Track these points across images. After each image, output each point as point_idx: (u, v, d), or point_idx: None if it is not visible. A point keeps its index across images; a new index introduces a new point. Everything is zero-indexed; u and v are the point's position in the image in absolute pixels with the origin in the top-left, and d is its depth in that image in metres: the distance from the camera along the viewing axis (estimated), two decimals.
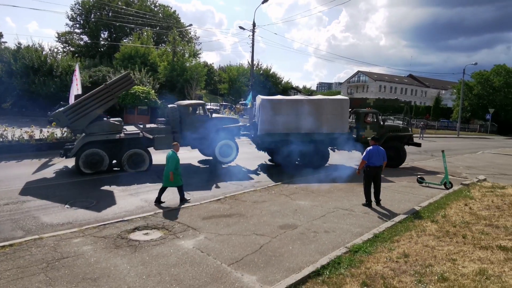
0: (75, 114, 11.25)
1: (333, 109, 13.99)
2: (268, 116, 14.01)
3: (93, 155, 11.40)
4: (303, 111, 13.97)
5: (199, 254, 5.57)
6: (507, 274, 4.62)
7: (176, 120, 13.44)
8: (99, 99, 11.60)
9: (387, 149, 14.73)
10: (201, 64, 41.54)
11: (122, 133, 12.04)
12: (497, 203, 8.32)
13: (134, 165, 12.00)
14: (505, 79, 49.68)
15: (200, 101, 15.81)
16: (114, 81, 12.16)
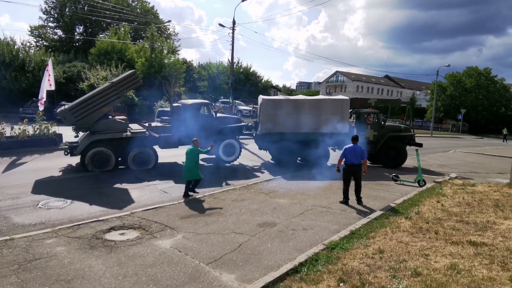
0: (81, 112, 11.15)
1: (333, 109, 14.12)
2: (269, 115, 14.19)
3: (99, 153, 11.35)
4: (304, 111, 14.13)
5: (177, 254, 5.51)
6: (476, 268, 4.81)
7: (180, 119, 13.42)
8: (105, 97, 11.52)
9: (387, 149, 14.94)
10: (180, 61, 41.00)
11: (128, 132, 12.03)
12: (468, 200, 8.66)
13: (140, 163, 11.99)
14: (476, 81, 51.71)
15: (204, 101, 15.93)
16: (121, 79, 12.08)
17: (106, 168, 11.41)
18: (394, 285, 4.23)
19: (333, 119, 13.90)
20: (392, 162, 15.07)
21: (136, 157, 11.97)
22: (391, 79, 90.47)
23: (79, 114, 11.15)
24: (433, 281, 4.27)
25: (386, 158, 15.12)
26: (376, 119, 15.25)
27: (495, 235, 6.18)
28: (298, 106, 14.21)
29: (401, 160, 15.23)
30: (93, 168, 11.26)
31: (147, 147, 12.12)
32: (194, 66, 62.24)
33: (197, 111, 13.89)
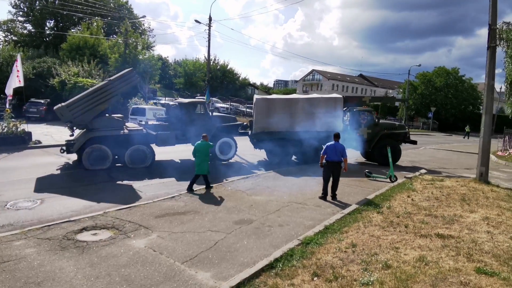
0: (79, 109, 11.17)
1: (327, 107, 14.21)
2: (263, 114, 14.30)
3: (96, 150, 11.38)
4: (297, 110, 14.23)
5: (151, 253, 5.44)
6: (444, 259, 5.03)
7: (177, 118, 13.66)
8: (103, 95, 11.55)
9: (382, 147, 14.69)
10: (155, 57, 40.28)
11: (125, 129, 12.05)
12: (436, 194, 9.00)
13: (137, 161, 12.05)
14: (445, 80, 53.67)
15: (200, 99, 16.23)
16: (118, 77, 12.16)
17: (103, 166, 11.45)
18: (365, 277, 4.36)
19: (327, 117, 13.94)
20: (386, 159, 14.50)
21: (133, 154, 12.01)
22: (365, 78, 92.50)
23: (77, 111, 11.13)
24: (403, 273, 4.43)
25: (381, 156, 15.01)
26: (369, 117, 15.22)
27: (462, 228, 6.47)
28: (291, 105, 14.35)
29: (395, 158, 14.70)
30: (90, 166, 11.26)
31: (144, 145, 12.16)
32: (170, 63, 61.42)
33: (193, 109, 14.06)
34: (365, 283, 4.22)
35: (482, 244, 5.68)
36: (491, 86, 11.10)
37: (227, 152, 14.58)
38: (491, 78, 11.09)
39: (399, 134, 15.59)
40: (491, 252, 5.36)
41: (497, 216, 7.25)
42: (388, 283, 4.13)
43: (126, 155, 11.90)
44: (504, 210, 7.79)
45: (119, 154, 11.86)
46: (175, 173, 11.52)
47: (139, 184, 10.02)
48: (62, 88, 27.76)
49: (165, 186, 9.94)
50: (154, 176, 11.13)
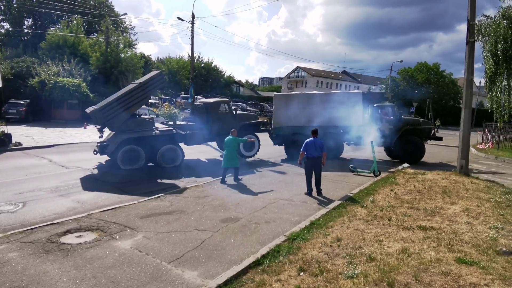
0: (111, 112, 11.55)
1: (346, 103, 14.21)
2: (281, 111, 14.58)
3: (130, 151, 11.77)
4: (315, 105, 14.35)
5: (137, 254, 5.41)
6: (425, 251, 5.17)
7: (203, 117, 14.29)
8: (133, 98, 11.94)
9: (404, 143, 14.58)
10: (137, 55, 39.73)
11: (157, 130, 12.45)
12: (418, 187, 9.21)
13: (168, 160, 12.45)
14: (426, 76, 54.81)
15: (224, 99, 16.81)
16: (148, 80, 12.53)
17: (136, 165, 11.87)
18: (350, 271, 4.44)
19: (346, 113, 13.90)
20: (409, 157, 14.67)
21: (165, 154, 12.41)
22: (348, 75, 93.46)
23: (110, 114, 11.53)
24: (386, 265, 4.54)
25: (403, 153, 14.82)
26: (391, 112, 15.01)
27: (443, 220, 6.65)
28: (310, 101, 14.53)
29: (419, 155, 14.78)
30: (124, 166, 11.64)
31: (174, 145, 12.59)
32: (153, 61, 60.57)
33: (217, 109, 14.66)
34: (350, 276, 4.30)
35: (462, 234, 5.85)
36: (470, 80, 11.41)
37: (251, 149, 15.05)
38: (470, 73, 11.39)
39: (423, 130, 15.11)
40: (471, 242, 5.52)
41: (476, 207, 7.48)
42: (372, 276, 4.22)
43: (158, 154, 12.26)
44: (483, 201, 8.04)
45: (151, 154, 12.19)
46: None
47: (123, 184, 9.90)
48: (42, 88, 27.12)
49: (149, 186, 9.86)
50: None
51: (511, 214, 7.26)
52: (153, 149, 12.16)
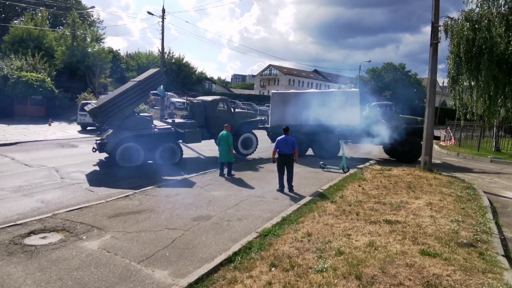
0: (110, 110, 11.56)
1: (343, 101, 14.20)
2: (278, 109, 14.58)
3: (129, 149, 11.80)
4: (312, 104, 14.23)
5: (105, 255, 5.26)
6: (391, 244, 5.36)
7: (201, 115, 14.30)
8: (132, 95, 11.98)
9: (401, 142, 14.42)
10: (105, 50, 38.39)
11: (155, 128, 12.51)
12: (385, 183, 9.53)
13: (166, 158, 12.49)
14: (393, 76, 56.71)
15: (222, 97, 16.77)
16: (146, 78, 12.54)
17: (135, 163, 11.91)
18: (320, 265, 4.54)
19: (343, 111, 13.90)
20: (406, 156, 14.74)
21: (163, 152, 12.45)
22: (319, 74, 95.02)
23: (109, 112, 11.55)
24: (354, 258, 4.67)
25: (400, 151, 14.85)
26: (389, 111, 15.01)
27: (407, 213, 6.92)
28: (307, 99, 14.45)
29: (416, 154, 14.68)
30: (123, 163, 11.66)
31: (173, 143, 12.68)
32: (122, 56, 58.75)
33: (216, 107, 14.70)
34: (320, 270, 4.39)
35: (426, 227, 6.12)
36: (433, 80, 11.91)
37: (248, 147, 15.14)
38: (434, 73, 11.90)
39: (421, 129, 14.63)
40: (434, 235, 5.78)
41: (439, 201, 7.84)
42: (341, 269, 4.33)
43: (156, 152, 12.29)
44: (445, 195, 8.45)
45: (150, 152, 12.21)
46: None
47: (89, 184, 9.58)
48: (5, 83, 25.78)
49: (117, 185, 9.60)
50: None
51: (471, 208, 7.69)
52: (151, 147, 12.22)
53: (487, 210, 7.74)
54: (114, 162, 11.71)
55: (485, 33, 16.83)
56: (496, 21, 16.81)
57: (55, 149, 15.39)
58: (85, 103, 23.75)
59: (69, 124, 25.60)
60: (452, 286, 3.98)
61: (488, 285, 4.05)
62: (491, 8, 17.64)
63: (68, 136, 19.88)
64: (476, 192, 9.38)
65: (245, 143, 14.98)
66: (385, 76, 56.75)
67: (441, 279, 4.11)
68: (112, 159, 11.81)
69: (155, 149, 12.28)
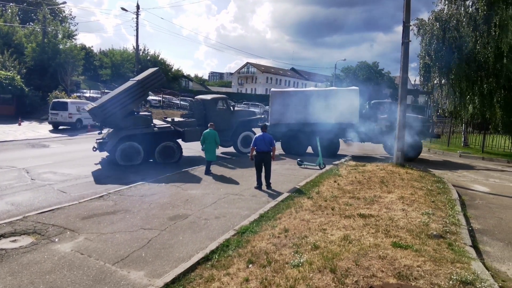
0: (110, 109, 11.57)
1: (342, 100, 14.16)
2: (277, 107, 14.53)
3: (129, 148, 11.86)
4: (311, 102, 14.18)
5: (78, 257, 5.14)
6: (365, 237, 5.50)
7: (201, 114, 14.39)
8: (132, 95, 12.01)
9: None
10: (77, 47, 37.23)
11: (155, 127, 12.55)
12: (359, 178, 9.75)
13: (166, 156, 12.56)
14: (367, 74, 58.00)
15: (222, 95, 16.80)
16: (146, 77, 12.55)
17: (135, 162, 11.95)
18: (296, 260, 4.61)
19: (343, 109, 13.86)
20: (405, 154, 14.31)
21: (163, 150, 12.50)
22: (296, 72, 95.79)
23: (108, 112, 11.55)
24: (329, 252, 4.77)
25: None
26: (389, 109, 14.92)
27: (380, 207, 7.11)
28: (306, 97, 14.46)
29: (415, 153, 14.66)
30: (123, 162, 11.74)
31: (172, 141, 12.71)
32: (95, 53, 57.07)
33: (215, 105, 14.78)
34: (296, 265, 4.46)
35: (398, 220, 6.30)
36: (405, 78, 12.27)
37: (249, 146, 14.85)
38: (405, 71, 12.25)
39: (420, 127, 14.83)
40: (406, 228, 5.96)
41: (410, 195, 8.09)
42: (316, 263, 4.42)
43: (156, 151, 12.36)
44: (416, 189, 8.73)
45: (149, 150, 12.25)
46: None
47: (62, 184, 9.31)
48: None
49: (92, 185, 9.38)
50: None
51: (441, 201, 7.98)
52: (151, 146, 12.27)
53: (456, 202, 8.06)
54: (115, 161, 11.80)
55: (454, 33, 17.51)
56: (464, 21, 17.51)
57: (25, 149, 14.83)
58: (56, 101, 23.04)
59: (40, 124, 24.71)
60: (422, 276, 4.13)
61: (457, 274, 4.19)
62: (459, 9, 18.34)
63: (39, 136, 19.20)
64: (445, 186, 9.75)
65: (245, 141, 15.05)
66: (359, 74, 57.94)
67: (412, 270, 4.25)
68: (111, 158, 11.89)
69: (155, 148, 12.36)
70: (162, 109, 33.20)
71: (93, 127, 23.21)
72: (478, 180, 11.89)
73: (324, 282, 3.95)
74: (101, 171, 11.12)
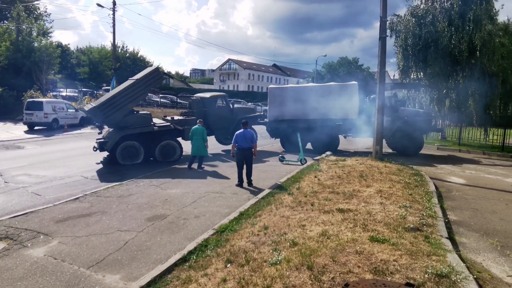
0: (109, 109, 11.59)
1: (341, 95, 13.98)
2: (276, 103, 14.46)
3: (129, 147, 11.94)
4: (310, 98, 14.11)
5: (52, 262, 4.98)
6: (343, 232, 5.50)
7: (200, 112, 14.46)
8: (131, 94, 12.04)
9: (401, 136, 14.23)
10: (53, 45, 36.10)
11: (155, 126, 12.55)
12: (339, 173, 9.81)
13: (166, 155, 12.63)
14: (347, 69, 58.61)
15: (221, 93, 16.90)
16: (145, 76, 12.57)
17: (136, 161, 12.03)
18: (274, 257, 4.57)
19: (342, 104, 13.70)
20: (405, 149, 14.54)
21: (163, 149, 12.61)
22: (278, 68, 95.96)
23: (108, 111, 11.57)
24: (307, 249, 4.75)
25: (400, 145, 14.63)
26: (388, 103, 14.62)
27: (359, 202, 7.15)
28: (305, 93, 14.39)
29: (415, 148, 14.55)
30: (123, 161, 11.81)
31: (172, 140, 12.78)
32: (72, 51, 55.55)
33: (215, 103, 14.91)
34: (274, 263, 4.43)
35: (376, 214, 6.32)
36: (383, 73, 12.41)
37: None
38: (383, 66, 12.39)
39: (421, 122, 14.73)
40: (383, 221, 5.98)
41: (388, 188, 8.18)
42: (294, 260, 4.40)
43: (157, 150, 12.47)
44: (394, 183, 8.84)
45: (150, 149, 12.33)
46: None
47: (36, 187, 9.01)
48: None
49: (68, 187, 9.12)
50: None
51: (418, 194, 8.08)
52: (151, 145, 12.39)
53: (433, 195, 8.17)
54: (115, 160, 11.83)
55: (430, 28, 17.83)
56: (440, 16, 17.85)
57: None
58: (31, 101, 22.32)
59: (15, 124, 23.89)
60: (398, 270, 4.14)
61: (432, 267, 4.20)
62: (435, 4, 18.69)
63: (13, 137, 18.56)
64: (423, 178, 9.92)
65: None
66: (340, 70, 58.50)
67: (388, 264, 4.28)
68: (111, 157, 11.93)
69: (155, 147, 12.45)
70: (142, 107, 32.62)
71: (70, 127, 22.64)
72: (454, 172, 12.17)
73: (301, 280, 3.93)
74: (79, 171, 10.81)
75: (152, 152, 12.44)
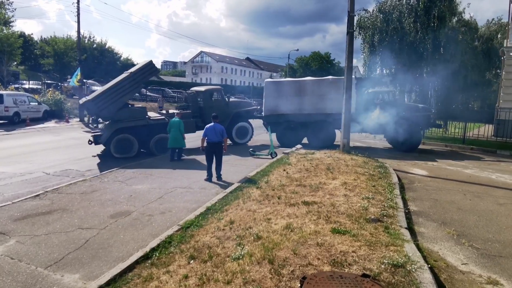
0: (103, 103, 11.65)
1: (336, 89, 13.76)
2: (272, 97, 14.30)
3: (123, 140, 12.01)
4: (306, 92, 13.99)
5: (8, 262, 4.79)
6: (306, 224, 5.59)
7: (195, 106, 14.59)
8: (125, 87, 12.08)
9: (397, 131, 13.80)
10: (14, 34, 34.21)
11: (149, 119, 12.65)
12: (307, 166, 9.95)
13: (161, 148, 12.65)
14: (319, 64, 59.38)
15: (216, 87, 16.84)
16: (138, 69, 12.61)
17: (130, 154, 12.12)
18: (237, 252, 4.60)
19: (338, 98, 13.39)
20: (403, 145, 14.43)
21: (158, 142, 12.66)
22: (251, 61, 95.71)
23: (102, 105, 11.63)
24: (271, 242, 4.81)
25: (398, 140, 14.50)
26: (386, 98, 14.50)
27: (324, 194, 7.27)
28: (300, 87, 14.22)
29: (413, 143, 14.45)
30: (118, 154, 11.89)
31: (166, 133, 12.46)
32: (36, 41, 52.85)
33: (211, 97, 14.85)
34: (236, 257, 4.45)
35: (339, 206, 6.45)
36: (350, 67, 12.65)
37: (244, 136, 15.30)
38: (350, 61, 12.63)
39: (419, 117, 14.47)
40: (346, 213, 6.11)
41: (353, 180, 8.38)
42: (257, 255, 4.44)
43: (151, 143, 12.56)
44: (359, 175, 9.08)
45: (144, 142, 12.45)
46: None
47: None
48: None
49: (28, 183, 8.74)
50: None
51: (381, 185, 8.33)
52: (146, 138, 12.47)
53: (395, 186, 8.42)
54: (109, 153, 11.87)
55: (397, 24, 18.38)
56: (406, 13, 18.41)
57: None
58: None
59: None
60: (356, 262, 4.26)
61: (389, 257, 4.33)
62: (402, 0, 19.23)
63: None
64: (387, 170, 10.25)
65: (240, 132, 15.13)
66: (312, 64, 59.14)
67: (347, 255, 4.40)
68: (106, 150, 11.98)
69: (150, 140, 12.54)
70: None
71: (32, 121, 21.64)
72: (417, 164, 12.64)
73: (261, 275, 3.98)
74: (41, 167, 10.37)
75: (146, 146, 12.57)
